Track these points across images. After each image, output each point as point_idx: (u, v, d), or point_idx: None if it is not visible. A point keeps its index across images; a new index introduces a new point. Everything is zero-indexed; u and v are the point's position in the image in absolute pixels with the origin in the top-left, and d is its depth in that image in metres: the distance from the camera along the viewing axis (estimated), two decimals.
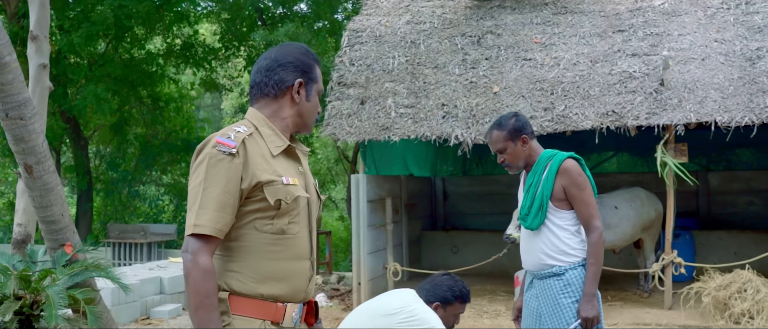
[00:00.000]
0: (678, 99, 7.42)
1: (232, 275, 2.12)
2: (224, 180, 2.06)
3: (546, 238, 3.39)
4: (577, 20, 8.86)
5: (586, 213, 3.35)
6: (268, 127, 2.22)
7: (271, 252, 2.14)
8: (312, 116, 2.30)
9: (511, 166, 3.49)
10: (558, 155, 3.43)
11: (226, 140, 2.09)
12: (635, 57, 8.06)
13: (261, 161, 2.14)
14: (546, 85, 8.05)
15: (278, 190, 2.13)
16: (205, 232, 2.03)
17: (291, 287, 2.17)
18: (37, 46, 5.58)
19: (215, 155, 2.08)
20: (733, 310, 6.83)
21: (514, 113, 3.56)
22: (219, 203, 2.05)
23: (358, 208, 8.42)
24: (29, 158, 4.91)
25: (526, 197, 3.47)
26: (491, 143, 3.52)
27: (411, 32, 9.32)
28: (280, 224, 2.14)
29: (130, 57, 15.64)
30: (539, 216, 3.38)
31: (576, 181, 3.34)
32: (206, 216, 2.05)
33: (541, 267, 3.41)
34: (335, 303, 8.82)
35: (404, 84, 8.62)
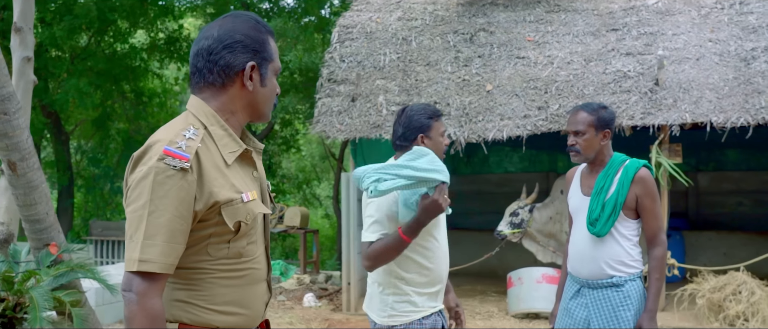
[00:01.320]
0: (673, 99, 7.36)
1: (180, 305, 1.78)
2: (175, 203, 1.66)
3: (610, 247, 3.26)
4: (571, 18, 8.78)
5: (654, 226, 3.26)
6: (219, 126, 1.81)
7: (226, 279, 1.80)
8: (269, 103, 1.89)
9: (581, 153, 3.30)
10: (632, 162, 3.30)
11: (175, 151, 1.68)
12: (629, 56, 7.99)
13: (216, 175, 1.75)
14: (539, 83, 7.96)
15: (238, 211, 1.77)
16: (155, 269, 1.65)
17: (249, 315, 1.87)
18: (21, 39, 5.38)
19: (163, 171, 1.66)
20: (727, 312, 6.77)
21: (604, 105, 3.38)
22: (169, 231, 1.66)
23: (347, 207, 8.28)
24: (13, 155, 4.73)
25: (595, 200, 3.29)
26: (573, 121, 3.33)
27: (402, 29, 9.19)
28: (237, 248, 1.81)
29: (113, 51, 15.37)
30: (610, 223, 3.23)
31: (651, 192, 3.24)
32: (154, 250, 1.65)
33: (600, 276, 3.28)
34: (324, 303, 8.68)
35: (396, 81, 8.49)
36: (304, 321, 7.57)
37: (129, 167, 1.75)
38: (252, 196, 1.82)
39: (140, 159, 1.72)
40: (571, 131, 3.33)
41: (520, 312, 7.45)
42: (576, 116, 3.33)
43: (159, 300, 1.69)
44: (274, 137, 16.06)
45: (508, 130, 7.59)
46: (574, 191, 3.46)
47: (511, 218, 7.70)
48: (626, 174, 3.23)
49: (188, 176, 1.69)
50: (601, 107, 3.32)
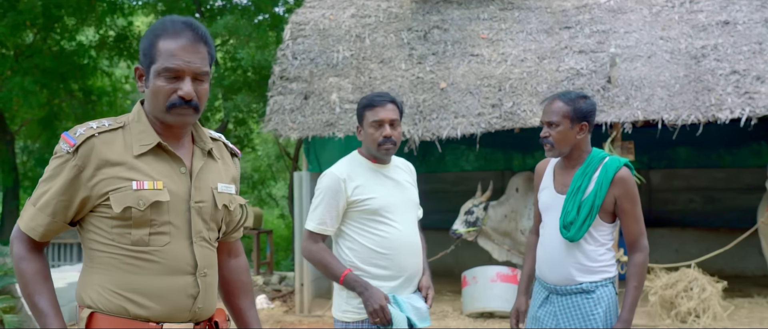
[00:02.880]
0: (625, 97, 7.38)
1: (94, 288, 1.90)
2: (57, 180, 1.88)
3: (581, 252, 3.02)
4: (524, 16, 8.76)
5: (635, 230, 3.00)
6: (144, 123, 1.96)
7: (134, 266, 1.90)
8: (153, 105, 1.92)
9: (554, 147, 3.02)
10: (612, 161, 3.03)
11: (69, 137, 1.88)
12: (582, 54, 8.00)
13: (111, 163, 1.88)
14: (493, 81, 7.91)
15: (126, 196, 1.87)
16: (20, 225, 1.92)
17: (165, 306, 1.91)
18: None
19: (57, 152, 1.89)
20: (679, 309, 6.82)
21: (585, 94, 3.09)
22: (44, 202, 1.89)
23: (300, 206, 8.13)
24: None
25: (570, 201, 3.02)
26: (547, 111, 3.05)
27: (356, 26, 9.07)
28: (139, 235, 1.89)
29: (60, 48, 14.93)
30: (585, 227, 2.98)
31: (631, 193, 2.99)
32: (27, 212, 1.92)
33: (569, 281, 3.04)
34: (277, 305, 8.52)
35: (349, 79, 8.37)
36: None
37: None
38: (152, 186, 1.89)
39: None
40: (545, 121, 3.04)
41: (475, 312, 7.39)
42: (551, 105, 3.05)
43: (22, 247, 1.93)
44: (228, 135, 15.79)
45: (462, 128, 7.52)
46: (546, 186, 3.16)
47: (466, 216, 7.64)
48: (605, 174, 2.97)
49: (71, 161, 1.86)
50: (580, 97, 3.04)
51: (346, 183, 2.96)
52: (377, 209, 2.97)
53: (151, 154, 1.94)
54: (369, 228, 2.98)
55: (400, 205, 3.03)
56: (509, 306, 6.88)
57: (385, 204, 2.98)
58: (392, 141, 2.97)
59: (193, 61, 1.91)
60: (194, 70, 1.91)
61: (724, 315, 6.79)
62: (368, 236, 2.98)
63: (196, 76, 1.92)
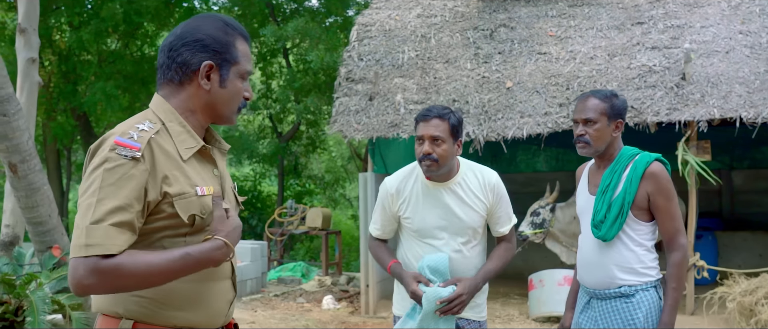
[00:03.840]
0: (701, 94, 7.06)
1: (136, 300, 1.76)
2: (125, 191, 1.67)
3: (619, 252, 2.90)
4: (594, 12, 8.51)
5: (671, 228, 2.87)
6: (177, 122, 1.83)
7: None
8: (230, 106, 1.87)
9: (591, 145, 2.93)
10: (643, 156, 2.94)
11: (127, 141, 1.70)
12: (655, 50, 7.70)
13: (171, 167, 1.76)
14: (561, 80, 7.72)
15: (191, 204, 1.76)
16: (100, 252, 1.62)
17: (209, 313, 1.85)
18: (25, 40, 5.35)
19: (114, 160, 1.68)
20: (759, 316, 6.45)
21: (616, 92, 3.03)
22: (115, 218, 1.65)
23: (365, 207, 8.14)
24: (13, 157, 4.68)
25: (600, 200, 2.94)
26: (582, 108, 2.96)
27: (421, 26, 9.02)
28: (195, 242, 1.78)
29: (140, 54, 15.47)
30: (616, 226, 2.88)
31: (664, 189, 2.87)
32: (99, 233, 1.64)
33: (608, 285, 2.92)
34: (343, 306, 8.55)
35: (414, 79, 8.32)
36: (320, 324, 7.45)
37: (86, 160, 1.77)
38: (208, 191, 1.81)
39: (96, 151, 1.73)
40: (580, 119, 2.95)
41: (542, 316, 7.22)
42: (586, 102, 2.96)
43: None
44: (300, 137, 16.01)
45: (528, 128, 7.37)
46: (581, 189, 3.11)
47: (533, 217, 7.47)
48: (635, 170, 2.87)
49: (139, 165, 1.70)
50: (613, 95, 2.98)
51: (394, 198, 3.01)
52: (416, 230, 2.98)
53: (194, 157, 1.85)
54: (413, 243, 3.02)
55: (444, 230, 2.95)
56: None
57: (424, 228, 2.96)
58: (432, 158, 2.85)
59: None
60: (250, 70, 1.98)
61: None
62: (411, 251, 3.01)
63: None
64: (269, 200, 16.81)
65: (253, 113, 17.30)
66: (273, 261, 11.19)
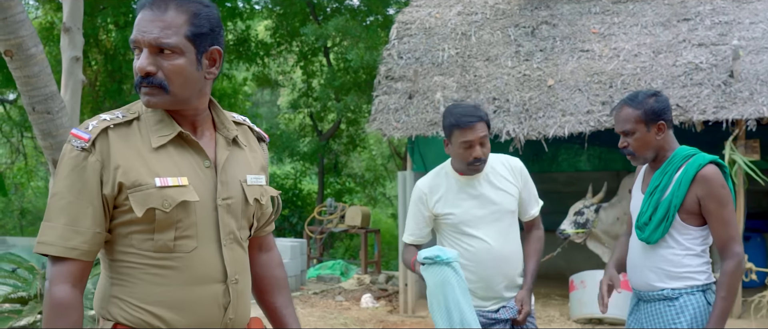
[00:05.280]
0: (749, 92, 6.86)
1: (115, 302, 1.68)
2: (78, 185, 1.61)
3: (662, 256, 2.80)
4: (639, 9, 8.34)
5: (724, 235, 2.72)
6: (159, 111, 1.71)
7: (157, 276, 1.68)
8: (135, 81, 1.70)
9: (636, 155, 2.85)
10: (697, 157, 2.79)
11: (80, 132, 1.64)
12: (702, 47, 7.51)
13: (130, 158, 1.65)
14: (604, 77, 7.58)
15: (149, 196, 1.63)
16: (52, 252, 1.60)
17: (192, 319, 1.70)
18: (70, 39, 5.44)
19: (68, 152, 1.63)
20: None
21: (656, 91, 2.90)
22: (69, 215, 1.61)
23: (405, 206, 8.10)
24: (57, 154, 4.75)
25: (647, 202, 2.84)
26: (618, 121, 2.87)
27: (462, 24, 8.95)
28: (163, 240, 1.66)
29: None
30: (661, 229, 2.77)
31: (716, 194, 2.70)
32: (54, 232, 1.61)
33: (651, 287, 2.83)
34: (382, 304, 8.54)
35: (454, 77, 8.26)
36: (359, 323, 7.44)
37: None
38: (176, 182, 1.67)
39: None
40: (619, 131, 2.88)
41: (583, 317, 7.10)
42: (619, 113, 2.86)
43: (66, 288, 1.62)
44: (340, 136, 16.05)
45: (569, 126, 7.25)
46: (636, 187, 3.01)
47: (576, 217, 7.36)
48: (686, 173, 2.73)
49: (90, 157, 1.63)
50: (649, 96, 2.84)
51: (428, 197, 3.08)
52: (457, 224, 3.04)
53: (172, 146, 1.71)
54: (455, 240, 3.07)
55: (484, 219, 3.03)
56: (620, 313, 6.55)
57: (464, 220, 3.03)
58: (482, 160, 2.97)
59: (149, 30, 1.64)
60: (150, 41, 1.65)
61: None
62: (455, 248, 3.03)
63: (159, 48, 1.66)
64: (309, 198, 16.90)
65: (293, 112, 17.40)
66: (312, 259, 11.23)
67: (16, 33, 4.28)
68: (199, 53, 1.72)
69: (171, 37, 1.65)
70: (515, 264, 3.09)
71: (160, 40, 1.65)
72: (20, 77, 4.45)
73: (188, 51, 1.69)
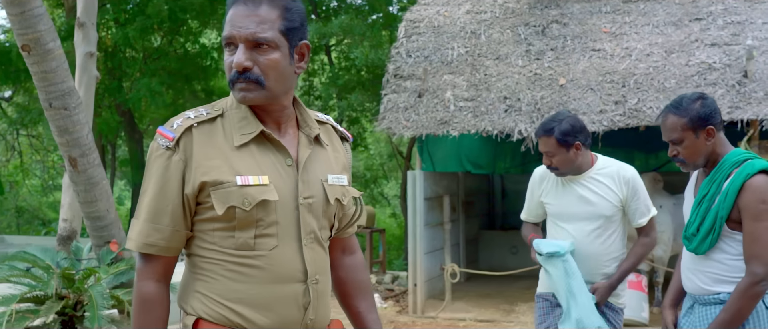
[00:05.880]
0: (764, 92, 6.83)
1: (198, 297, 1.70)
2: (160, 182, 1.65)
3: (713, 265, 2.71)
4: (650, 8, 8.30)
5: (750, 251, 2.58)
6: (242, 108, 1.72)
7: (239, 273, 1.68)
8: (228, 77, 1.71)
9: (687, 163, 2.75)
10: (747, 165, 2.62)
11: (166, 131, 1.68)
12: (715, 47, 7.48)
13: (212, 156, 1.67)
14: (617, 77, 7.53)
15: (230, 194, 1.64)
16: (131, 247, 1.67)
17: (273, 318, 1.70)
18: (83, 34, 5.36)
19: (154, 150, 1.68)
20: None
21: (701, 95, 2.76)
22: (151, 211, 1.66)
23: (414, 206, 8.04)
24: (73, 151, 4.69)
25: (695, 211, 2.75)
26: (665, 130, 2.75)
27: (471, 22, 8.89)
28: (244, 238, 1.67)
29: (184, 51, 15.58)
30: (709, 241, 2.67)
31: (754, 208, 2.56)
32: (136, 228, 1.67)
33: (706, 291, 2.74)
34: (390, 305, 8.47)
35: (464, 76, 8.20)
36: None
37: None
38: (257, 181, 1.68)
39: None
40: (667, 140, 2.77)
41: None
42: (665, 121, 2.74)
43: (151, 284, 1.68)
44: None
45: None
46: (688, 192, 2.92)
47: None
48: (733, 183, 2.59)
49: (173, 156, 1.66)
50: (694, 101, 2.69)
51: (538, 184, 3.44)
52: (552, 214, 3.38)
53: (254, 145, 1.71)
54: (552, 226, 3.40)
55: (576, 216, 3.30)
56: (633, 313, 6.52)
57: (559, 212, 3.34)
58: (553, 168, 3.28)
59: (245, 25, 1.64)
60: (246, 37, 1.65)
61: None
62: (551, 232, 3.40)
63: (255, 43, 1.65)
64: None
65: None
66: None
67: (35, 27, 4.21)
68: (291, 48, 1.72)
69: (267, 31, 1.66)
70: (598, 264, 3.29)
71: (257, 34, 1.65)
72: (37, 72, 4.38)
73: (282, 45, 1.69)
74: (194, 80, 15.67)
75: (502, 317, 7.64)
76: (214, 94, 16.52)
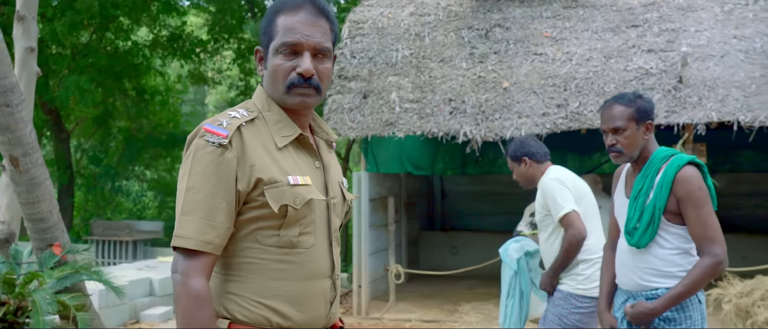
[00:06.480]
0: (698, 97, 7.11)
1: (231, 298, 1.71)
2: (213, 179, 1.65)
3: (653, 258, 2.82)
4: (589, 14, 8.53)
5: (701, 235, 2.71)
6: (275, 111, 1.78)
7: (278, 271, 1.72)
8: (273, 87, 1.76)
9: (624, 153, 2.86)
10: (676, 159, 2.79)
11: (215, 128, 1.67)
12: (651, 53, 7.74)
13: (262, 155, 1.71)
14: (558, 81, 7.71)
15: (283, 193, 1.69)
16: (189, 246, 1.63)
17: (306, 313, 1.75)
18: (24, 28, 5.12)
19: (202, 148, 1.66)
20: (756, 318, 6.52)
21: (640, 94, 2.93)
22: (206, 209, 1.64)
23: (359, 207, 8.02)
24: (15, 150, 4.47)
25: (633, 206, 2.86)
26: (609, 117, 2.89)
27: (415, 24, 8.94)
28: (288, 236, 1.72)
29: (114, 48, 15.10)
30: (649, 233, 2.79)
31: (691, 196, 2.71)
32: (191, 226, 1.64)
33: (643, 288, 2.85)
34: None
35: (409, 78, 8.24)
36: None
37: (184, 150, 1.75)
38: (304, 181, 1.75)
39: (191, 140, 1.71)
40: (609, 129, 2.88)
41: (537, 317, 7.19)
42: (611, 110, 2.88)
43: (203, 281, 1.65)
44: None
45: (526, 128, 7.34)
46: (619, 191, 3.03)
47: (532, 218, 7.43)
48: (666, 175, 2.74)
49: (227, 153, 1.66)
50: (638, 97, 2.89)
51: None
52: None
53: (291, 146, 1.78)
54: None
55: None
56: None
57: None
58: (523, 186, 4.02)
59: (312, 34, 1.74)
60: (314, 45, 1.74)
61: None
62: None
63: (317, 52, 1.75)
64: None
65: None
66: None
67: None
68: (334, 57, 1.87)
69: (327, 41, 1.78)
70: None
71: (322, 44, 1.76)
72: None
73: (331, 55, 1.82)
74: (125, 78, 15.19)
75: (446, 317, 7.70)
76: (145, 92, 16.09)
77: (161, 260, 9.34)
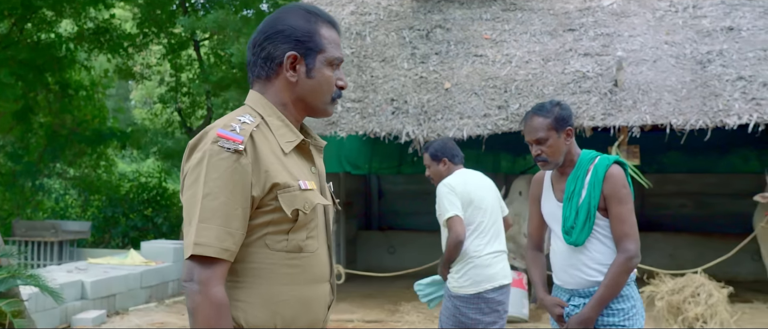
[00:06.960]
0: (632, 101, 7.34)
1: (239, 306, 1.69)
2: (230, 186, 1.63)
3: (592, 254, 2.96)
4: (527, 17, 8.69)
5: (619, 231, 2.91)
6: (276, 116, 1.78)
7: (286, 275, 1.72)
8: (320, 96, 1.81)
9: (549, 161, 3.01)
10: (603, 159, 2.99)
11: (229, 134, 1.65)
12: (588, 57, 7.94)
13: (273, 161, 1.70)
14: (499, 82, 7.82)
15: (295, 198, 1.70)
16: (210, 253, 1.59)
17: (309, 317, 1.77)
18: None
19: (216, 154, 1.63)
20: (686, 315, 6.78)
21: (558, 101, 3.10)
22: (224, 215, 1.62)
23: None
24: None
25: (567, 207, 3.00)
26: (530, 130, 3.01)
27: (356, 23, 8.91)
28: (296, 240, 1.72)
29: (36, 40, 14.48)
30: (586, 230, 2.94)
31: (617, 193, 2.90)
32: (210, 233, 1.60)
33: (587, 284, 2.97)
34: None
35: (350, 77, 8.20)
36: None
37: (185, 156, 1.72)
38: (310, 186, 1.76)
39: (196, 146, 1.68)
40: (532, 140, 3.03)
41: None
42: (531, 122, 3.03)
43: (222, 289, 1.63)
44: None
45: (468, 129, 7.41)
46: (547, 197, 3.18)
47: None
48: (596, 174, 2.93)
49: (242, 159, 1.65)
50: (555, 105, 3.04)
51: None
52: None
53: (293, 152, 1.79)
54: None
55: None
56: (514, 310, 6.79)
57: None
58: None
59: (341, 50, 1.88)
60: (342, 60, 1.89)
61: (731, 320, 6.78)
62: None
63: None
64: (175, 198, 16.18)
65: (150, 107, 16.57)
66: None
67: None
68: None
69: None
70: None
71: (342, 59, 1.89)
72: None
73: None
74: (47, 72, 14.59)
75: (387, 317, 7.70)
76: (69, 87, 15.49)
77: (91, 262, 9.00)
